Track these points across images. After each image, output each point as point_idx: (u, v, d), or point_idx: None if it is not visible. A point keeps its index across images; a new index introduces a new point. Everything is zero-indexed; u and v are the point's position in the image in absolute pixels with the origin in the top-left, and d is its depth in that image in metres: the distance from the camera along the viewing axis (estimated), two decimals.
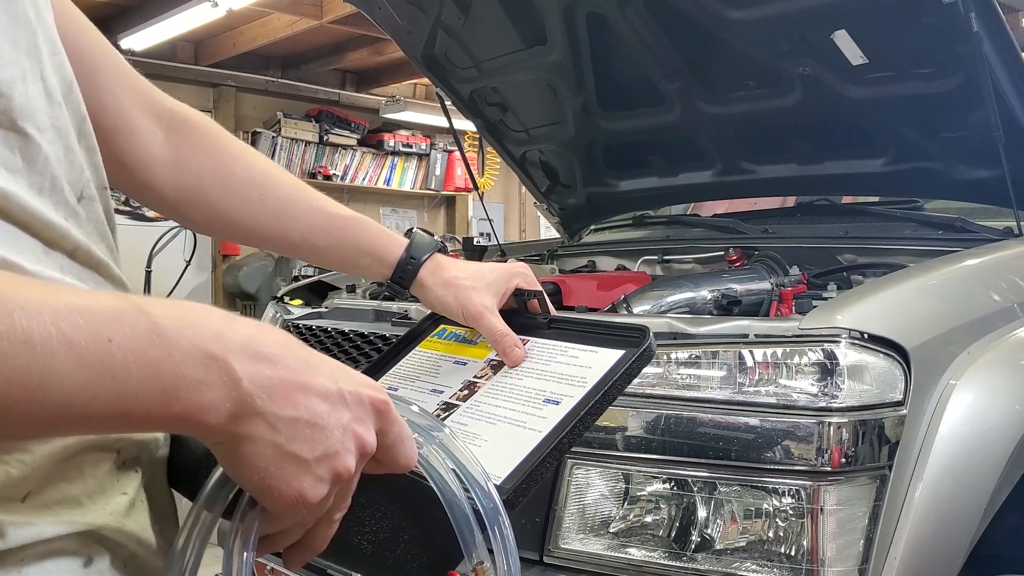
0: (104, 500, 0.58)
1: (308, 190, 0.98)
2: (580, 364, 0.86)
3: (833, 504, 1.27)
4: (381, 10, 2.63)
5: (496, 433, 0.81)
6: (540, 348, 0.93)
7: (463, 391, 0.91)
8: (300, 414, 0.52)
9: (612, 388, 0.80)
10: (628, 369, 0.81)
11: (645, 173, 2.90)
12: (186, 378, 0.49)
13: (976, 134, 2.01)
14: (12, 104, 0.54)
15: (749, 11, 2.12)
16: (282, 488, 0.53)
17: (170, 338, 0.48)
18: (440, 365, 0.98)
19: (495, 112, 2.89)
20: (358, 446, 0.55)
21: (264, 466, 0.52)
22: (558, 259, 2.95)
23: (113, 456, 0.60)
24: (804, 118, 2.35)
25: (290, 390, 0.52)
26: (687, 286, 2.00)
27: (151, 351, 0.48)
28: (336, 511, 0.58)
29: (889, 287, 1.51)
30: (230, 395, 0.50)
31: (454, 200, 8.98)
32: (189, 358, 0.49)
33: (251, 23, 6.53)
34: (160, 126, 0.88)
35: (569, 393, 0.81)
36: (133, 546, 0.60)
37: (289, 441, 0.52)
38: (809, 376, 1.30)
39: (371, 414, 0.57)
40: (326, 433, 0.53)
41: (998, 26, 1.81)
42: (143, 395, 0.48)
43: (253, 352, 0.52)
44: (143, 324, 0.48)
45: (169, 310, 0.50)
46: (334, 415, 0.54)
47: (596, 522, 1.43)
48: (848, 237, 2.30)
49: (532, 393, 0.85)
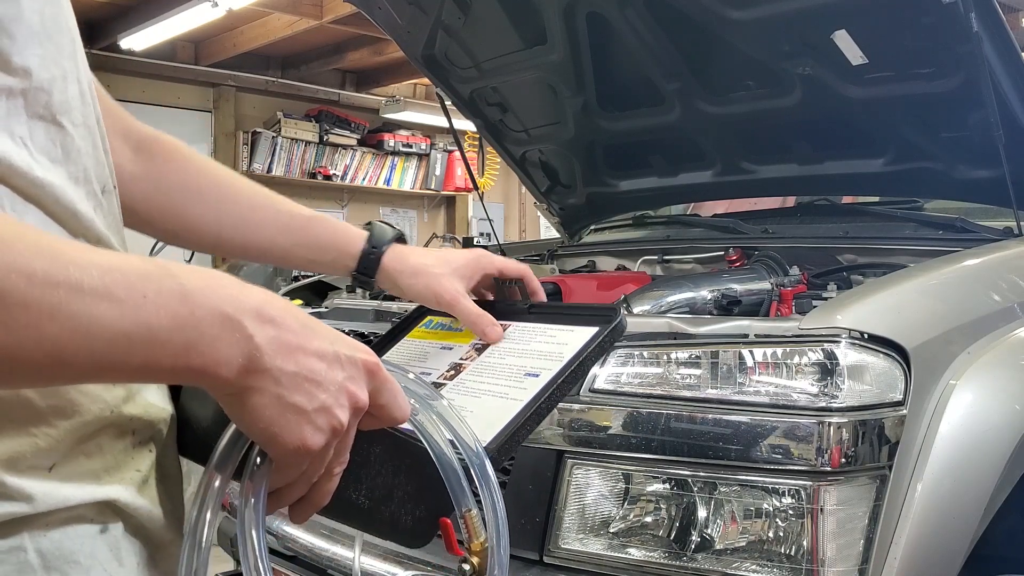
0: (119, 475, 0.64)
1: (272, 195, 1.03)
2: (558, 342, 0.94)
3: (833, 504, 1.27)
4: (381, 10, 2.63)
5: (481, 405, 0.88)
6: (521, 330, 1.01)
7: (450, 372, 0.98)
8: (300, 370, 0.59)
9: (587, 359, 0.89)
10: (601, 342, 0.90)
11: (645, 173, 2.90)
12: (206, 334, 0.55)
13: (976, 134, 2.01)
14: (52, 99, 0.61)
15: (749, 11, 2.12)
16: (285, 436, 0.59)
17: (194, 298, 0.55)
18: (427, 352, 1.06)
19: (495, 112, 2.89)
20: (351, 401, 0.61)
21: (269, 415, 0.58)
22: (558, 259, 2.95)
23: (129, 436, 0.66)
24: (804, 118, 2.35)
25: (292, 349, 0.59)
26: (687, 286, 2.00)
27: (178, 308, 0.54)
28: (336, 465, 0.64)
29: (889, 287, 1.51)
30: (242, 351, 0.56)
31: (454, 200, 8.98)
32: (209, 316, 0.55)
33: (251, 23, 6.54)
34: (129, 145, 0.92)
35: (547, 367, 0.89)
36: (143, 517, 0.65)
37: (291, 393, 0.58)
38: (809, 376, 1.30)
39: (363, 374, 0.63)
40: (323, 388, 0.60)
41: (998, 26, 1.81)
42: (170, 346, 0.53)
43: (263, 314, 0.58)
44: (172, 284, 0.54)
45: (192, 274, 0.56)
46: (330, 373, 0.60)
47: (596, 522, 1.43)
48: (848, 237, 2.30)
49: (514, 369, 0.93)
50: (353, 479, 0.69)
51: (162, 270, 0.55)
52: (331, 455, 0.63)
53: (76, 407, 0.60)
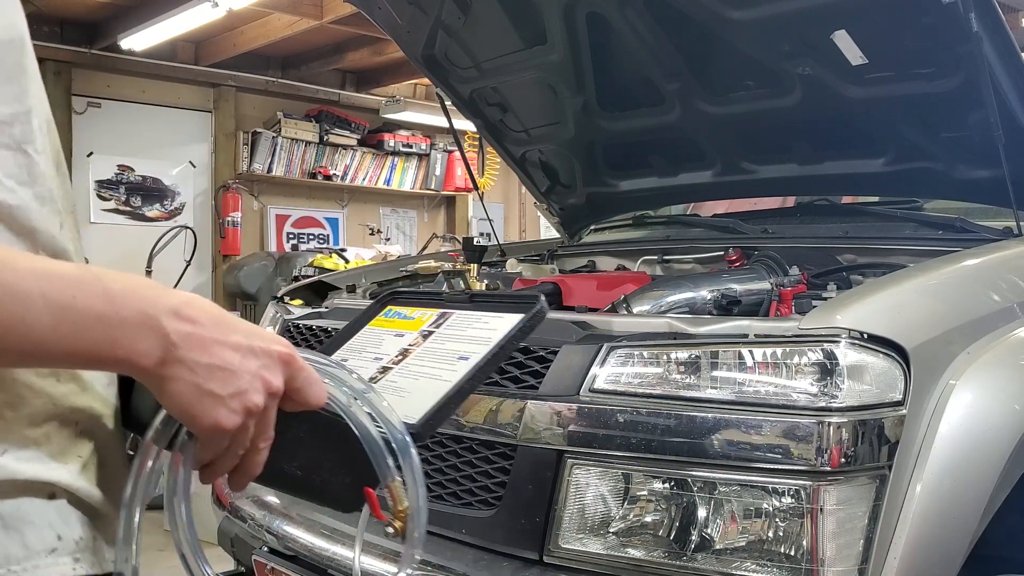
0: (63, 459, 0.74)
1: None
2: (489, 327, 1.06)
3: (833, 504, 1.27)
4: (381, 10, 2.63)
5: (418, 386, 1.01)
6: (461, 318, 1.14)
7: (398, 356, 1.11)
8: (214, 361, 0.69)
9: (509, 342, 1.02)
10: (523, 327, 1.03)
11: (645, 173, 2.90)
12: (127, 330, 0.66)
13: (976, 134, 2.01)
14: (15, 131, 0.73)
15: (749, 11, 2.12)
16: (202, 417, 0.69)
17: (117, 300, 0.66)
18: (383, 338, 1.19)
19: (495, 112, 2.89)
20: (265, 387, 0.71)
21: (187, 400, 0.68)
22: (558, 259, 2.95)
23: (72, 426, 0.75)
24: (804, 118, 2.35)
25: (207, 343, 0.69)
26: (687, 286, 2.00)
27: (103, 308, 0.65)
28: (260, 441, 0.74)
29: (889, 287, 1.52)
30: (159, 345, 0.67)
31: (454, 200, 8.98)
32: (131, 316, 0.66)
33: (251, 23, 6.53)
34: None
35: (476, 350, 1.02)
36: (83, 494, 0.75)
37: (205, 381, 0.68)
38: (809, 376, 1.30)
39: (278, 364, 0.73)
40: (237, 376, 0.70)
41: (998, 26, 1.81)
42: (95, 340, 0.65)
43: (180, 314, 0.68)
44: (98, 288, 0.65)
45: (119, 279, 0.67)
46: (244, 363, 0.70)
47: (596, 522, 1.43)
48: (848, 237, 2.30)
49: (450, 353, 1.05)
50: (286, 453, 0.77)
51: (93, 277, 0.66)
52: (252, 432, 0.72)
53: (24, 400, 0.71)
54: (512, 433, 1.51)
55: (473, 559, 1.54)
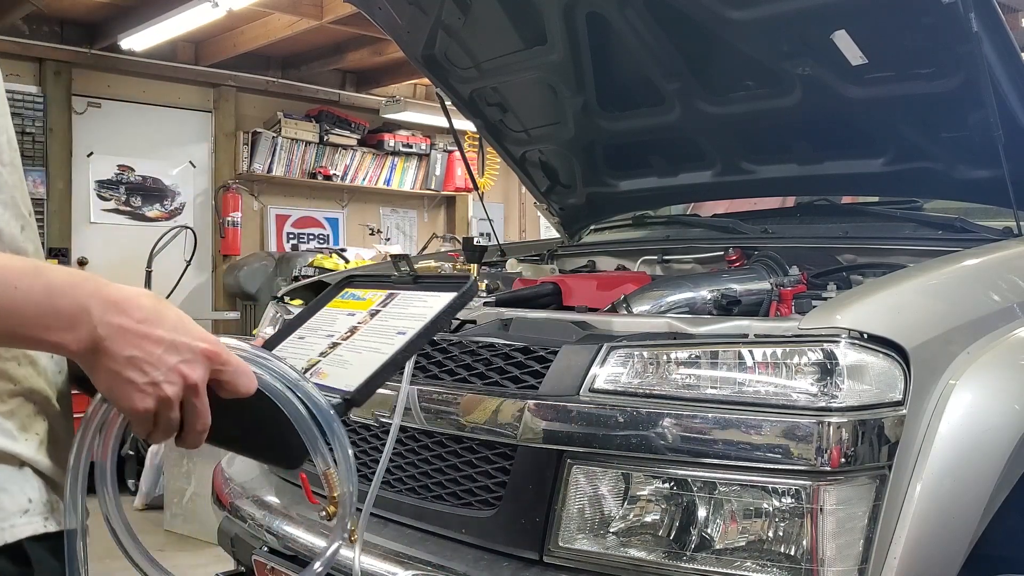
0: (25, 435, 0.85)
1: None
2: (426, 305, 1.19)
3: (833, 504, 1.27)
4: (381, 10, 2.63)
5: (360, 359, 1.13)
6: (405, 297, 1.27)
7: (347, 334, 1.23)
8: (136, 353, 0.78)
9: (440, 317, 1.16)
10: (453, 303, 1.17)
11: (645, 173, 2.90)
12: (61, 319, 0.75)
13: (976, 134, 2.01)
14: None
15: (749, 11, 2.12)
16: (120, 400, 0.79)
17: (56, 291, 0.76)
18: (336, 318, 1.30)
19: (495, 112, 2.89)
20: (181, 378, 0.80)
21: (108, 383, 0.79)
22: (558, 259, 2.95)
23: (32, 405, 0.87)
24: (804, 118, 2.35)
25: (133, 336, 0.78)
26: (687, 286, 2.00)
27: (40, 298, 0.75)
28: (196, 424, 0.83)
29: (889, 287, 1.52)
30: (88, 334, 0.76)
31: (454, 200, 8.98)
32: (66, 306, 0.76)
33: (251, 23, 6.53)
34: None
35: (413, 326, 1.14)
36: (43, 467, 0.87)
37: (124, 370, 0.78)
38: (809, 376, 1.30)
39: (200, 358, 0.81)
40: (155, 367, 0.78)
41: (998, 26, 1.81)
42: (32, 325, 0.75)
43: (113, 308, 0.77)
44: (40, 281, 0.75)
45: (63, 273, 0.77)
46: (164, 357, 0.79)
47: (596, 522, 1.43)
48: (848, 237, 2.29)
49: (391, 329, 1.18)
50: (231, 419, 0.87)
51: (37, 271, 0.76)
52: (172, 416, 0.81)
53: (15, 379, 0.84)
54: (512, 433, 1.51)
55: (473, 559, 1.54)
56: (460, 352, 1.67)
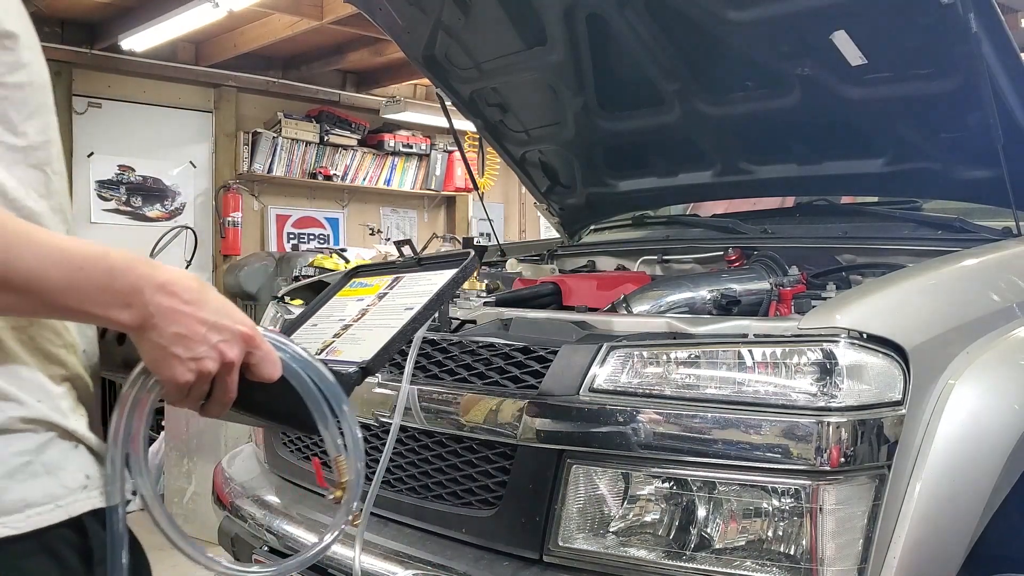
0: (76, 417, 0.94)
1: None
2: (431, 282, 1.28)
3: (832, 504, 1.27)
4: (381, 11, 2.63)
5: (372, 334, 1.21)
6: (410, 279, 1.35)
7: (358, 316, 1.31)
8: (182, 330, 0.87)
9: (445, 289, 1.24)
10: (455, 277, 1.26)
11: (645, 173, 2.90)
12: (118, 298, 0.84)
13: (975, 134, 2.01)
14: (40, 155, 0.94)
15: (749, 12, 2.12)
16: (163, 371, 0.88)
17: (116, 273, 0.85)
18: (346, 305, 1.38)
19: (495, 113, 2.89)
20: (219, 357, 0.89)
21: (155, 356, 0.88)
22: (558, 259, 2.96)
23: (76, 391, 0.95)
24: (803, 119, 2.35)
25: (180, 315, 0.86)
26: (687, 286, 2.01)
27: (102, 279, 0.84)
28: (223, 397, 0.92)
29: (888, 287, 1.52)
30: (140, 312, 0.85)
31: (454, 200, 8.98)
32: (123, 287, 0.85)
33: (252, 24, 6.54)
34: None
35: (419, 301, 1.23)
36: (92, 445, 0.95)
37: (171, 345, 0.87)
38: (808, 376, 1.30)
39: (238, 339, 0.90)
40: (198, 344, 0.87)
41: (997, 26, 1.81)
42: (93, 302, 0.84)
43: (164, 289, 0.86)
44: (103, 263, 0.85)
45: (123, 257, 0.86)
46: (208, 335, 0.88)
47: (596, 521, 1.44)
48: (847, 237, 2.30)
49: (399, 307, 1.26)
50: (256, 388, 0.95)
51: (101, 253, 0.85)
52: (205, 388, 0.91)
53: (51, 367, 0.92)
54: (512, 433, 1.51)
55: (473, 558, 1.55)
56: (460, 352, 1.68)
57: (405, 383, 1.34)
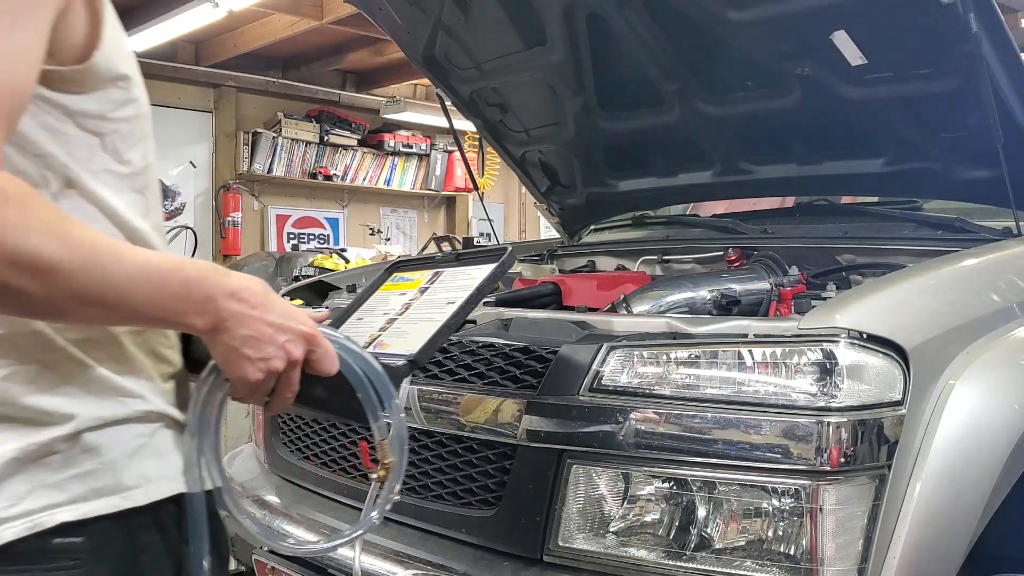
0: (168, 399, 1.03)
1: None
2: (471, 277, 1.32)
3: (832, 504, 1.27)
4: (381, 11, 2.63)
5: (417, 328, 1.26)
6: (450, 274, 1.39)
7: (401, 310, 1.36)
8: (252, 333, 0.94)
9: (485, 283, 1.28)
10: (495, 272, 1.31)
11: (645, 173, 2.90)
12: (194, 307, 0.92)
13: (975, 134, 2.01)
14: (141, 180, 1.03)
15: (749, 12, 2.12)
16: (235, 370, 0.96)
17: (191, 284, 0.92)
18: (390, 299, 1.43)
19: (495, 112, 2.90)
20: (287, 356, 0.96)
21: (226, 358, 0.95)
22: (558, 259, 2.96)
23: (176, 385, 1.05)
24: (803, 119, 2.36)
25: (249, 319, 0.94)
26: (687, 286, 2.01)
27: (179, 290, 0.91)
28: (286, 391, 0.99)
29: (888, 287, 1.52)
30: (213, 318, 0.93)
31: (454, 200, 8.98)
32: (198, 296, 0.92)
33: (252, 24, 6.54)
34: None
35: (461, 296, 1.27)
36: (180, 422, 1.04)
37: (242, 347, 0.94)
38: (808, 376, 1.30)
39: (301, 339, 0.97)
40: (265, 345, 0.95)
41: (997, 26, 1.81)
42: (173, 311, 0.92)
43: (235, 295, 0.93)
44: (179, 275, 0.92)
45: (197, 268, 0.93)
46: (275, 336, 0.95)
47: (596, 521, 1.44)
48: (847, 237, 2.30)
49: (441, 301, 1.31)
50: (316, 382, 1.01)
51: (177, 265, 0.92)
52: (271, 385, 0.97)
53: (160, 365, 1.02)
54: (512, 433, 1.51)
55: (473, 558, 1.55)
56: (460, 352, 1.68)
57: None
